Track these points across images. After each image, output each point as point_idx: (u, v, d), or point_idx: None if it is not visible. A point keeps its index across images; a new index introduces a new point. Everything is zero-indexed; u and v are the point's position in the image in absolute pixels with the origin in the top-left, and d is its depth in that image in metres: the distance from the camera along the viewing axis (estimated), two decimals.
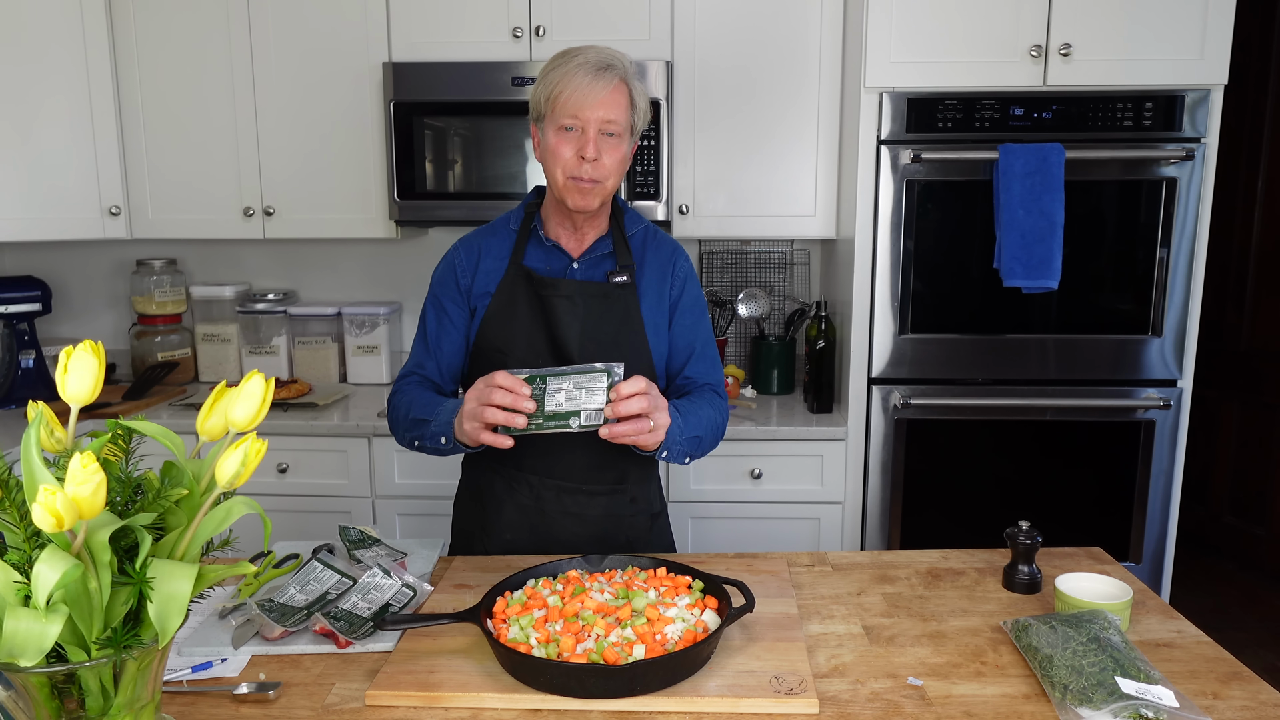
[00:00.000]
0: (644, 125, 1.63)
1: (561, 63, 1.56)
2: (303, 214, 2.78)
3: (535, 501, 1.68)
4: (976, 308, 2.48)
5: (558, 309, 1.62)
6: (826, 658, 1.27)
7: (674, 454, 1.54)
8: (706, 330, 1.73)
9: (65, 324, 3.21)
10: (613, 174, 1.58)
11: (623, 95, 1.56)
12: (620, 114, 1.55)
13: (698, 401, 1.63)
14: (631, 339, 1.64)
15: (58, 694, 0.85)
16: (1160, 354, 2.47)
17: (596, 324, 1.62)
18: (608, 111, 1.54)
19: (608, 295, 1.64)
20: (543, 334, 1.63)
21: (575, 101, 1.53)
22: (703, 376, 1.70)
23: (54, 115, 2.67)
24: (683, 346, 1.70)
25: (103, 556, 0.82)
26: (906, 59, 2.40)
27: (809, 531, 2.58)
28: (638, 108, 1.59)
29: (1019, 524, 1.48)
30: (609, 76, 1.54)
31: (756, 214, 2.73)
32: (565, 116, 1.54)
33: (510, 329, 1.64)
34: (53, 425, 0.88)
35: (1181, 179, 2.39)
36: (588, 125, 1.54)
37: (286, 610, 1.33)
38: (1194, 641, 1.32)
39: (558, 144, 1.56)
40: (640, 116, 1.60)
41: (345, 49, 2.69)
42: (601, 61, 1.54)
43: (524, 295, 1.64)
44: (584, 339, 1.62)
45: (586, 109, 1.53)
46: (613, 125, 1.55)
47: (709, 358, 1.72)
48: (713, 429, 1.63)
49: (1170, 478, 2.52)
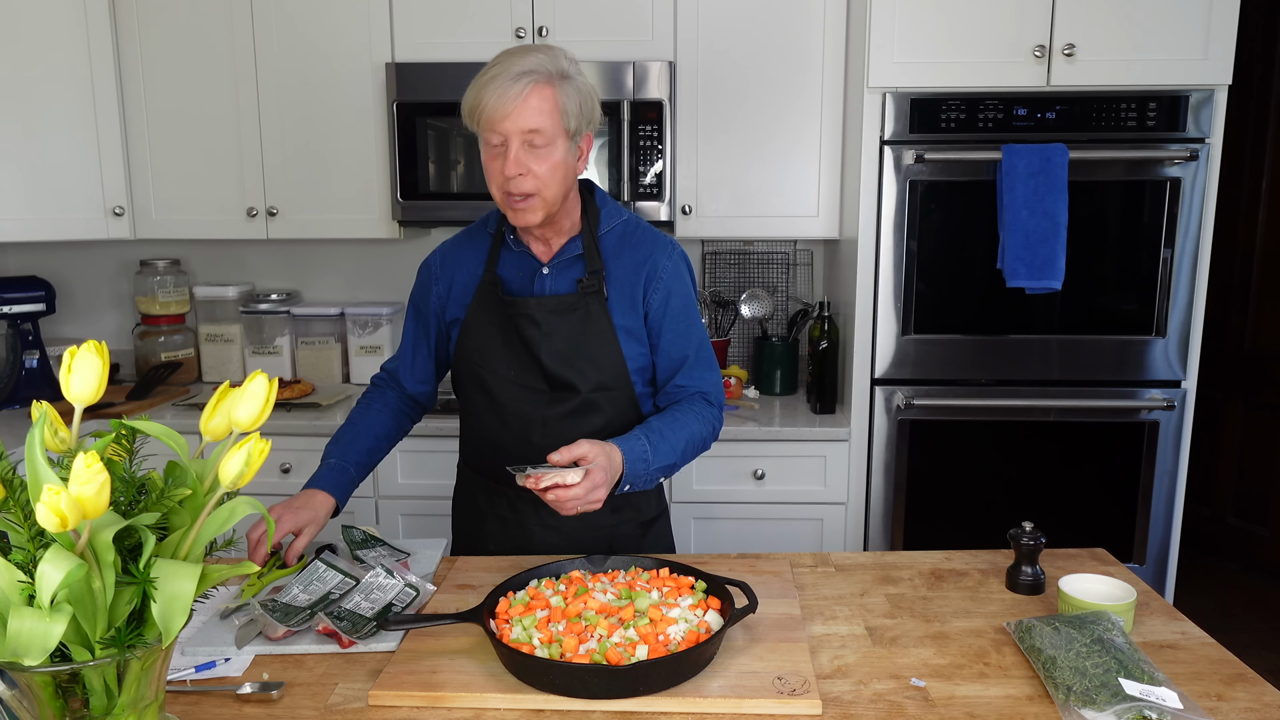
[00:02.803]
0: (589, 123, 1.54)
1: (481, 74, 1.48)
2: (306, 214, 2.79)
3: (513, 514, 1.67)
4: (980, 308, 2.47)
5: (524, 328, 1.60)
6: (829, 659, 1.27)
7: (639, 485, 1.52)
8: (700, 335, 1.66)
9: (69, 324, 3.22)
10: (548, 183, 1.50)
11: (544, 101, 1.46)
12: (544, 120, 1.46)
13: (681, 418, 1.58)
14: (602, 348, 1.60)
15: (62, 693, 0.85)
16: (1164, 355, 2.47)
17: (564, 339, 1.59)
18: (526, 121, 1.45)
19: (574, 307, 1.59)
20: (516, 346, 1.62)
21: (488, 115, 1.46)
22: (695, 384, 1.64)
23: (58, 116, 2.67)
24: (675, 356, 1.64)
25: (106, 556, 0.83)
26: (910, 59, 2.39)
27: (812, 532, 2.58)
28: (568, 110, 1.49)
29: (1022, 525, 1.48)
30: (524, 83, 1.44)
31: (759, 214, 2.73)
32: (487, 132, 1.48)
33: (484, 341, 1.64)
34: (57, 425, 0.89)
35: (1185, 179, 2.39)
36: (509, 139, 1.47)
37: (290, 610, 1.33)
38: (1198, 643, 1.31)
39: (488, 161, 1.51)
40: (575, 117, 1.50)
41: (348, 49, 2.69)
42: (520, 69, 1.45)
43: (495, 308, 1.63)
44: (551, 355, 1.59)
45: (503, 122, 1.45)
46: (536, 136, 1.47)
47: (702, 362, 1.66)
48: (694, 448, 1.59)
49: (1174, 479, 2.52)
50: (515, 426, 1.62)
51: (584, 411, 1.61)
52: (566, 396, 1.61)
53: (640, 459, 1.49)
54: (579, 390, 1.60)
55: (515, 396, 1.62)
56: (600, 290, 1.59)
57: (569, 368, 1.59)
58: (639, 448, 1.49)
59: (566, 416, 1.60)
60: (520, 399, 1.62)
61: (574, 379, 1.60)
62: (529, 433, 1.61)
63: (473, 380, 1.66)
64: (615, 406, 1.63)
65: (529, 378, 1.62)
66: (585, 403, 1.60)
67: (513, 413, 1.62)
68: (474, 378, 1.65)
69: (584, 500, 1.41)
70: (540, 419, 1.61)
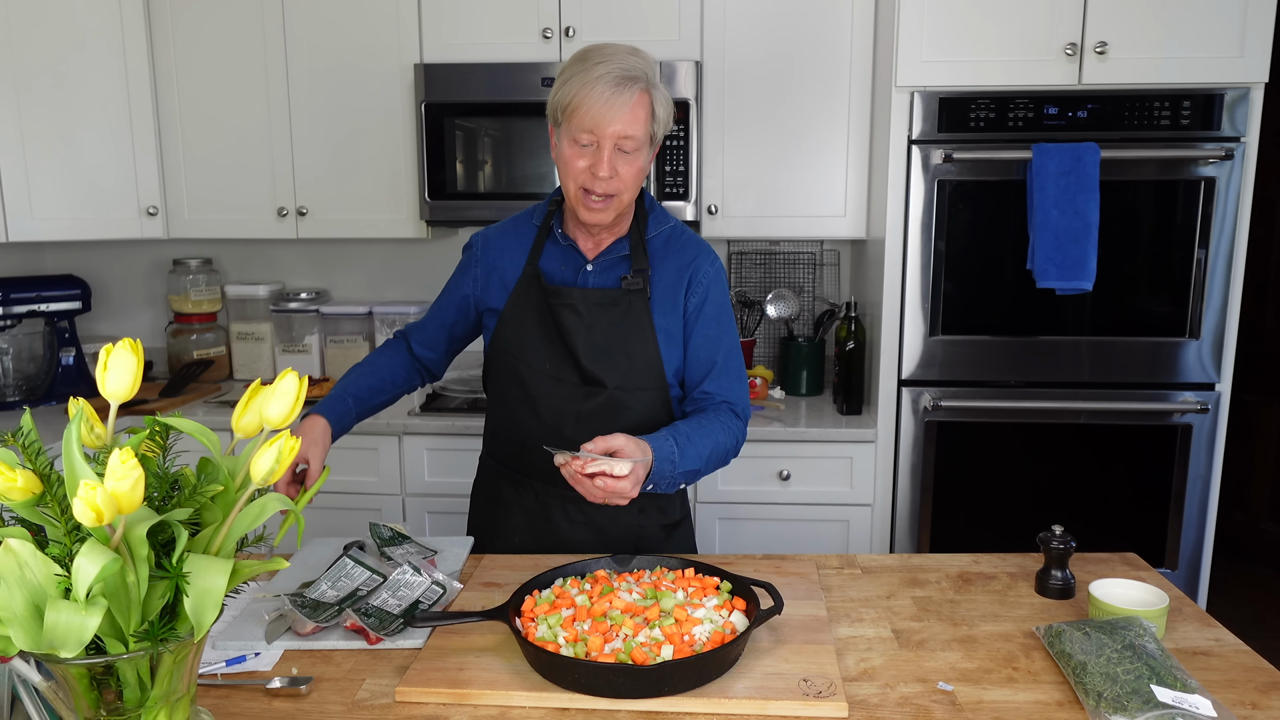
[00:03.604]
0: (667, 129, 1.56)
1: (581, 70, 1.48)
2: (335, 214, 2.81)
3: (541, 508, 1.67)
4: (1009, 309, 2.45)
5: (564, 318, 1.60)
6: (855, 661, 1.26)
7: (661, 487, 1.51)
8: (730, 342, 1.65)
9: (104, 322, 3.27)
10: (629, 186, 1.53)
11: (643, 109, 1.48)
12: (639, 129, 1.48)
13: (707, 426, 1.57)
14: (641, 348, 1.60)
15: (96, 685, 0.87)
16: (1198, 357, 2.43)
17: (603, 333, 1.60)
18: (625, 128, 1.47)
19: (617, 302, 1.60)
20: (553, 340, 1.62)
21: (592, 118, 1.46)
22: (722, 393, 1.63)
23: (94, 118, 2.72)
24: (703, 360, 1.63)
25: (140, 551, 0.84)
26: (938, 58, 2.38)
27: (838, 534, 2.56)
28: (659, 118, 1.52)
29: (1052, 528, 1.46)
30: (630, 90, 1.46)
31: (786, 214, 2.72)
32: (580, 131, 1.48)
33: (521, 333, 1.64)
34: (93, 421, 0.90)
35: (1220, 179, 2.35)
36: (603, 142, 1.47)
37: (318, 606, 1.35)
38: (1232, 650, 1.29)
39: (571, 156, 1.51)
40: (661, 124, 1.53)
41: (378, 50, 2.71)
42: (624, 73, 1.46)
43: (535, 300, 1.63)
44: (589, 348, 1.60)
45: (604, 126, 1.46)
46: (629, 142, 1.48)
47: (731, 371, 1.65)
48: (717, 458, 1.58)
49: (1208, 483, 2.48)
50: (548, 420, 1.62)
51: (616, 408, 1.61)
52: (596, 392, 1.61)
53: (667, 459, 1.48)
54: (606, 386, 1.60)
55: (549, 390, 1.62)
56: (644, 289, 1.60)
57: (602, 361, 1.60)
58: (667, 448, 1.49)
59: (599, 412, 1.61)
60: (553, 392, 1.62)
61: (604, 374, 1.60)
62: (562, 426, 1.62)
63: (506, 372, 1.66)
64: (647, 407, 1.62)
65: (564, 371, 1.62)
66: (614, 399, 1.61)
67: (546, 406, 1.63)
68: (508, 369, 1.66)
69: (625, 494, 1.41)
70: (574, 413, 1.61)
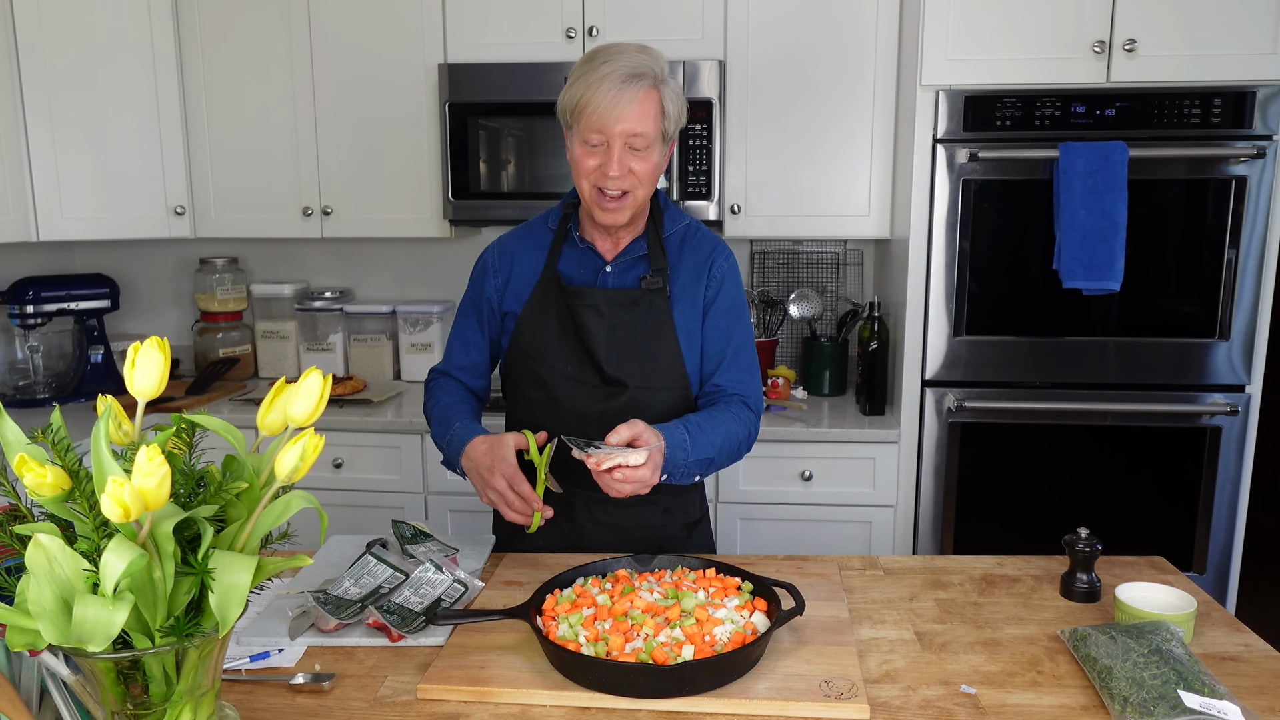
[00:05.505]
0: (680, 125, 1.56)
1: (587, 71, 1.48)
2: (359, 213, 2.83)
3: (566, 509, 1.67)
4: (1034, 309, 2.43)
5: (586, 319, 1.60)
6: (878, 663, 1.25)
7: (676, 477, 1.50)
8: (743, 334, 1.65)
9: (132, 320, 3.31)
10: (644, 182, 1.52)
11: (652, 105, 1.48)
12: (648, 125, 1.48)
13: (719, 416, 1.56)
14: (662, 346, 1.60)
15: (123, 680, 0.88)
16: (1227, 358, 2.40)
17: (625, 333, 1.60)
18: (634, 125, 1.46)
19: (638, 302, 1.60)
20: (573, 341, 1.62)
21: (599, 117, 1.46)
22: (733, 386, 1.63)
23: (123, 120, 2.75)
24: (714, 351, 1.63)
25: (167, 547, 0.85)
26: (964, 56, 2.36)
27: (860, 535, 2.55)
28: (669, 114, 1.51)
29: (1078, 531, 1.45)
30: (636, 87, 1.45)
31: (809, 214, 2.70)
32: (590, 131, 1.48)
33: (541, 336, 1.64)
34: (121, 419, 0.91)
35: (1251, 178, 2.32)
36: (613, 141, 1.47)
37: (341, 603, 1.35)
38: (1261, 655, 1.27)
39: (583, 157, 1.51)
40: (673, 120, 1.53)
41: (402, 51, 2.73)
42: (630, 70, 1.45)
43: (555, 303, 1.63)
44: (611, 349, 1.60)
45: (611, 125, 1.46)
46: (639, 139, 1.48)
47: (742, 364, 1.64)
48: (730, 448, 1.57)
49: (1237, 486, 2.44)
50: (570, 421, 1.62)
51: (638, 408, 1.60)
52: (618, 392, 1.61)
53: (679, 446, 1.48)
54: (628, 386, 1.60)
55: (570, 391, 1.63)
56: (664, 288, 1.60)
57: (624, 362, 1.60)
58: (678, 435, 1.49)
59: (621, 412, 1.60)
60: (575, 394, 1.62)
61: (626, 374, 1.60)
62: (585, 428, 1.61)
63: (527, 375, 1.66)
64: (670, 406, 1.62)
65: (584, 372, 1.62)
66: (636, 399, 1.60)
67: (567, 407, 1.63)
68: (528, 372, 1.66)
69: (646, 482, 1.41)
70: (597, 413, 1.61)
